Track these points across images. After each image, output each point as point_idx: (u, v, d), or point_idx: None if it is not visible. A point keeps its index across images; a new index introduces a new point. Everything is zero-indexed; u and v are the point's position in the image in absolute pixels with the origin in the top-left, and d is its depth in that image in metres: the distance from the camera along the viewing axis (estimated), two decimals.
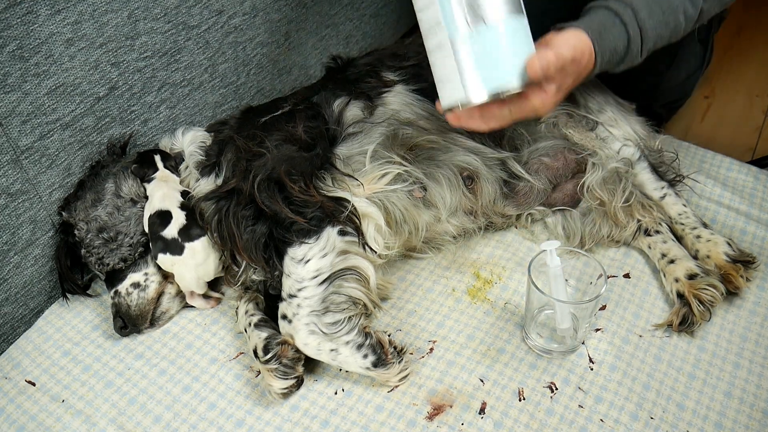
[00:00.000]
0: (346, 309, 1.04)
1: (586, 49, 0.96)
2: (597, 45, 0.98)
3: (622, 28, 1.01)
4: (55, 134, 1.16)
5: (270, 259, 1.05)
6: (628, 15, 1.01)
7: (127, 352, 1.15)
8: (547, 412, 1.02)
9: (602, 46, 0.99)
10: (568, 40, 0.94)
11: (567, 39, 0.94)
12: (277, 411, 1.04)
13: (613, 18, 1.01)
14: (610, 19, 1.01)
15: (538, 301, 1.07)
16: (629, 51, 1.02)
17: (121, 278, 1.16)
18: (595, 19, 1.01)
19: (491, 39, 0.82)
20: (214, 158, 1.18)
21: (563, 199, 1.29)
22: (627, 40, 1.01)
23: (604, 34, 0.99)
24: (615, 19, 1.00)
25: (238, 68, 1.50)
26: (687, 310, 1.11)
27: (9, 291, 1.17)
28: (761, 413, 1.00)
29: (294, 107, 1.17)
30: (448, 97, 0.85)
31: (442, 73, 0.85)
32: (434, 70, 0.86)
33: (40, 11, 1.06)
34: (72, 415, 1.06)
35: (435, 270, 1.25)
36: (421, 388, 1.06)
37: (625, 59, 1.04)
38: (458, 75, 0.83)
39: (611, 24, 1.00)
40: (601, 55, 0.99)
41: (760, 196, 1.36)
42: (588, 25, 0.99)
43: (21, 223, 1.16)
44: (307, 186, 1.03)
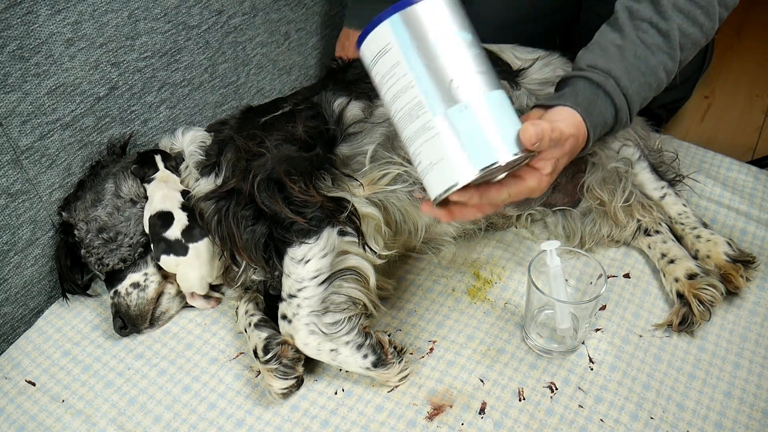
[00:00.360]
0: (346, 309, 1.04)
1: (581, 127, 0.94)
2: (588, 121, 0.95)
3: (608, 99, 0.98)
4: (55, 134, 1.16)
5: (270, 259, 1.05)
6: (611, 85, 0.98)
7: (127, 352, 1.15)
8: (547, 412, 1.02)
9: (592, 121, 0.96)
10: (565, 117, 0.92)
11: (563, 116, 0.92)
12: (277, 411, 1.04)
13: (596, 90, 0.98)
14: (594, 91, 0.98)
15: (538, 301, 1.07)
16: (618, 120, 1.00)
17: (121, 278, 1.16)
18: (580, 93, 0.98)
19: (477, 115, 0.79)
20: (214, 158, 1.18)
21: (563, 199, 1.29)
22: (614, 110, 0.99)
23: (591, 108, 0.96)
24: (598, 91, 0.98)
25: (238, 68, 1.50)
26: (687, 309, 1.11)
27: (9, 291, 1.18)
28: (761, 413, 1.00)
29: (294, 107, 1.17)
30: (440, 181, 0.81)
31: (428, 158, 0.81)
32: (419, 158, 0.82)
33: (40, 11, 1.06)
34: (72, 415, 1.06)
35: (435, 270, 1.25)
36: (421, 388, 1.06)
37: (615, 128, 1.02)
38: (448, 155, 0.80)
39: (596, 97, 0.98)
40: (593, 129, 0.97)
41: (760, 196, 1.37)
42: (575, 101, 0.96)
43: (21, 223, 1.16)
44: (307, 186, 1.03)
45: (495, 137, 0.80)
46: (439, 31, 0.80)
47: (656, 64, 1.01)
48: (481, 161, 0.79)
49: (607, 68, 0.99)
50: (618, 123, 1.01)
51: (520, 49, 1.35)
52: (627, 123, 1.03)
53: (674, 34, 1.00)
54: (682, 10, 1.00)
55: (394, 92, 0.82)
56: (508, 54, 1.32)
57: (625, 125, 1.03)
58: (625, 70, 0.99)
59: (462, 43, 0.81)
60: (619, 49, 1.00)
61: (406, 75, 0.80)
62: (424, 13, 0.80)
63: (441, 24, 0.80)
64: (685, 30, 1.01)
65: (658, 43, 1.01)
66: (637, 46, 1.00)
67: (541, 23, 1.57)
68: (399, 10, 0.80)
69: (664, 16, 1.00)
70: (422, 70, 0.80)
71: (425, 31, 0.80)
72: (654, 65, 1.00)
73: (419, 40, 0.80)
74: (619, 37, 1.02)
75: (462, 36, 0.81)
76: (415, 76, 0.80)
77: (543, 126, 0.81)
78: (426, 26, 0.80)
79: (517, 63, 1.30)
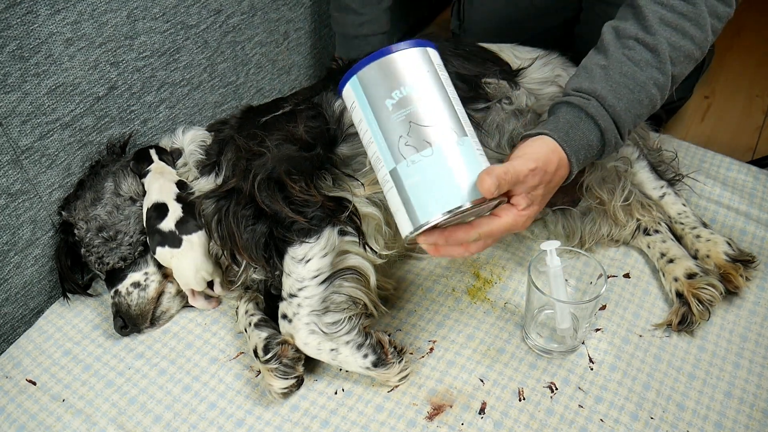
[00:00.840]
0: (347, 309, 1.04)
1: (552, 155, 0.92)
2: (567, 146, 0.93)
3: (590, 122, 0.96)
4: (55, 134, 1.16)
5: (270, 258, 1.05)
6: (593, 106, 0.97)
7: (127, 351, 1.15)
8: (547, 412, 1.02)
9: (572, 146, 0.94)
10: (529, 153, 0.90)
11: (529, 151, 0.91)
12: (277, 411, 1.04)
13: (578, 113, 0.97)
14: (576, 114, 0.97)
15: (538, 301, 1.07)
16: (606, 142, 0.98)
17: (122, 278, 1.16)
18: (561, 118, 0.97)
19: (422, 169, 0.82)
20: (214, 157, 1.18)
21: (563, 199, 1.29)
22: (600, 132, 0.97)
23: (572, 133, 0.95)
24: (580, 113, 0.97)
25: (237, 68, 1.50)
26: (686, 309, 1.11)
27: (9, 291, 1.17)
28: (761, 413, 1.01)
29: (295, 107, 1.17)
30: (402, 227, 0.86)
31: (392, 203, 0.86)
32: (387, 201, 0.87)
33: (40, 11, 1.06)
34: (72, 414, 1.06)
35: (435, 270, 1.25)
36: (421, 388, 1.06)
37: (605, 149, 1.00)
38: (400, 208, 0.84)
39: (577, 120, 0.96)
40: (575, 155, 0.95)
41: (760, 196, 1.37)
42: (554, 126, 0.95)
43: (21, 223, 1.16)
44: (307, 186, 1.03)
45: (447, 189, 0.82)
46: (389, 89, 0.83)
47: (645, 79, 0.99)
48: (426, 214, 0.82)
49: (591, 89, 0.98)
50: (607, 144, 0.99)
51: (519, 49, 1.35)
52: (618, 143, 1.00)
53: (662, 48, 0.98)
54: (670, 23, 0.99)
55: (363, 142, 0.88)
56: (508, 53, 1.32)
57: (617, 146, 1.01)
58: (610, 88, 0.98)
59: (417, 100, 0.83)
60: (603, 69, 0.99)
61: (366, 131, 0.86)
62: (379, 71, 0.84)
63: (393, 82, 0.83)
64: (674, 43, 0.99)
65: (647, 59, 0.99)
66: (623, 64, 0.99)
67: (542, 23, 1.57)
68: (358, 70, 0.85)
69: (650, 31, 0.99)
70: (376, 128, 0.85)
71: (377, 91, 0.84)
72: (643, 81, 0.99)
73: (374, 99, 0.84)
74: (604, 57, 1.00)
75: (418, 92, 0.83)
76: (372, 133, 0.85)
77: (497, 172, 0.80)
78: (378, 86, 0.84)
79: (517, 62, 1.30)
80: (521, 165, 0.86)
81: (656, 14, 0.99)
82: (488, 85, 1.22)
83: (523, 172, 0.86)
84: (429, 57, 0.86)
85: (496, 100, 1.21)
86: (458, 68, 1.21)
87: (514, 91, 1.24)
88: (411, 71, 0.84)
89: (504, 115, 1.21)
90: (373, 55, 0.84)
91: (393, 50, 0.84)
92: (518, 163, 0.86)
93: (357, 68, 0.85)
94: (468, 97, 1.19)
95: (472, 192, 0.81)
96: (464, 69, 1.21)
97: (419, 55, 0.85)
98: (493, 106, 1.21)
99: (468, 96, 1.19)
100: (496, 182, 0.79)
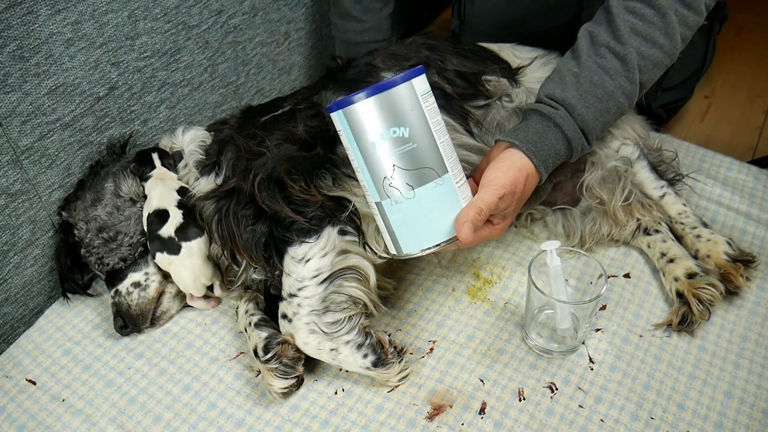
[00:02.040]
0: (347, 308, 1.04)
1: (522, 171, 0.97)
2: (535, 158, 0.98)
3: (557, 131, 1.00)
4: (55, 134, 1.16)
5: (270, 258, 1.05)
6: (561, 116, 1.00)
7: (127, 351, 1.15)
8: (547, 412, 1.02)
9: (540, 156, 0.99)
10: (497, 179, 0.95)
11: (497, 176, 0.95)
12: (277, 411, 1.04)
13: (546, 122, 1.00)
14: (544, 124, 1.00)
15: (538, 301, 1.07)
16: (573, 149, 1.02)
17: (122, 278, 1.16)
18: (531, 128, 1.00)
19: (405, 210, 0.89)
20: (214, 157, 1.18)
21: (563, 198, 1.29)
22: (566, 140, 1.01)
23: (540, 143, 0.99)
24: (548, 122, 1.00)
25: (238, 68, 1.50)
26: (686, 309, 1.11)
27: (9, 291, 1.18)
28: (761, 413, 1.01)
29: (294, 107, 1.17)
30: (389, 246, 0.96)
31: (379, 224, 0.95)
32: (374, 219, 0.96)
33: (41, 11, 1.06)
34: (72, 414, 1.06)
35: (435, 270, 1.25)
36: (421, 388, 1.06)
37: (572, 155, 1.04)
38: (385, 233, 0.94)
39: (545, 129, 1.00)
40: (544, 164, 0.99)
41: (760, 196, 1.37)
42: (524, 138, 0.99)
43: (21, 223, 1.16)
44: (307, 185, 1.03)
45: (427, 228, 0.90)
46: (376, 130, 0.87)
47: (614, 88, 1.02)
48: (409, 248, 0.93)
49: (562, 97, 1.02)
50: (573, 151, 1.04)
51: (519, 48, 1.35)
52: (586, 147, 1.05)
53: (632, 57, 1.02)
54: (640, 32, 1.02)
55: (352, 165, 0.94)
56: (507, 53, 1.32)
57: (583, 151, 1.06)
58: (580, 97, 1.01)
59: (399, 140, 0.87)
60: (575, 77, 1.02)
61: (353, 160, 0.92)
62: (364, 111, 0.87)
63: (379, 123, 0.87)
64: (643, 52, 1.02)
65: (616, 67, 1.02)
66: (594, 73, 1.02)
67: (542, 23, 1.57)
68: (343, 107, 0.88)
69: (620, 40, 1.02)
70: (362, 163, 0.90)
71: (363, 130, 0.88)
72: (612, 90, 1.02)
73: (358, 136, 0.89)
74: (576, 64, 1.04)
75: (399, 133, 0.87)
76: (358, 165, 0.92)
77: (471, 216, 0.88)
78: (364, 125, 0.87)
79: (516, 62, 1.30)
80: (490, 197, 0.93)
81: (627, 23, 1.02)
82: (488, 82, 1.22)
83: (494, 203, 0.93)
84: (414, 91, 0.88)
85: (496, 97, 1.22)
86: (458, 66, 1.21)
87: (514, 89, 1.24)
88: (395, 112, 0.87)
89: (504, 113, 1.21)
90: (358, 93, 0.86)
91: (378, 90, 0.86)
92: (487, 196, 0.93)
93: (343, 103, 0.87)
94: (468, 94, 1.19)
95: (449, 231, 0.90)
96: (464, 67, 1.21)
97: (405, 92, 0.87)
98: (494, 103, 1.21)
99: (468, 93, 1.19)
100: (471, 228, 0.87)
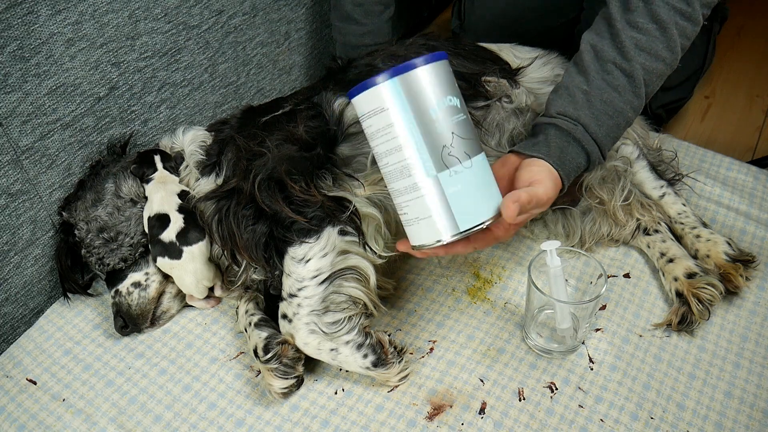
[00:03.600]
0: (347, 308, 1.04)
1: (556, 181, 0.97)
2: (561, 171, 0.98)
3: (578, 147, 1.01)
4: (56, 134, 1.16)
5: (270, 258, 1.05)
6: (580, 132, 1.01)
7: (127, 351, 1.15)
8: (547, 412, 1.02)
9: (566, 170, 0.99)
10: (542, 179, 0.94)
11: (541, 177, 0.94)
12: (277, 411, 1.05)
13: (567, 138, 1.01)
14: (565, 139, 1.01)
15: (538, 301, 1.07)
16: (591, 163, 1.03)
17: (122, 278, 1.16)
18: (552, 142, 1.01)
19: (463, 180, 0.84)
20: (214, 158, 1.18)
21: (563, 198, 1.29)
22: (586, 155, 1.02)
23: (564, 157, 1.00)
24: (569, 138, 1.01)
25: (238, 68, 1.50)
26: (686, 309, 1.11)
27: (9, 291, 1.18)
28: (761, 413, 1.01)
29: (295, 107, 1.17)
30: (423, 236, 0.87)
31: (415, 213, 0.86)
32: (404, 210, 0.88)
33: (41, 11, 1.06)
34: (72, 414, 1.06)
35: (435, 270, 1.25)
36: (421, 388, 1.06)
37: (589, 168, 1.06)
38: (433, 215, 0.85)
39: (567, 144, 1.01)
40: (567, 177, 1.00)
41: (760, 196, 1.37)
42: (548, 152, 0.99)
43: (21, 223, 1.16)
44: (307, 186, 1.03)
45: (481, 201, 0.86)
46: (434, 97, 0.84)
47: (623, 105, 1.03)
48: (465, 223, 0.85)
49: (575, 116, 1.02)
50: (591, 164, 1.04)
51: (519, 48, 1.35)
52: (600, 162, 1.06)
53: (638, 73, 1.02)
54: (644, 48, 1.02)
55: (385, 148, 0.86)
56: (507, 53, 1.32)
57: (599, 164, 1.07)
58: (593, 116, 1.02)
59: (454, 109, 0.85)
60: (585, 95, 1.03)
61: (399, 137, 0.84)
62: (423, 78, 0.83)
63: (437, 90, 0.84)
64: (648, 67, 1.03)
65: (624, 84, 1.03)
66: (603, 91, 1.03)
67: (542, 23, 1.57)
68: (399, 74, 0.83)
69: (626, 57, 1.02)
70: (417, 134, 0.83)
71: (423, 98, 0.83)
72: (621, 107, 1.03)
73: (416, 105, 0.83)
74: (585, 81, 1.04)
75: (454, 102, 0.85)
76: (408, 139, 0.83)
77: (522, 200, 0.86)
78: (423, 92, 0.83)
79: (516, 62, 1.30)
80: (543, 193, 0.92)
81: (632, 40, 1.02)
82: (488, 83, 1.22)
83: (543, 200, 0.92)
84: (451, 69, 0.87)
85: (496, 98, 1.22)
86: (458, 67, 1.21)
87: (514, 90, 1.24)
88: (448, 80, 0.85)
89: (504, 114, 1.21)
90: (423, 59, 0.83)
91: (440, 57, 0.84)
92: (541, 191, 0.91)
93: (401, 70, 0.83)
94: (468, 95, 1.19)
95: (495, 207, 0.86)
96: (464, 67, 1.21)
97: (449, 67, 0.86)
98: (493, 104, 1.21)
99: (468, 94, 1.19)
100: (518, 209, 0.85)
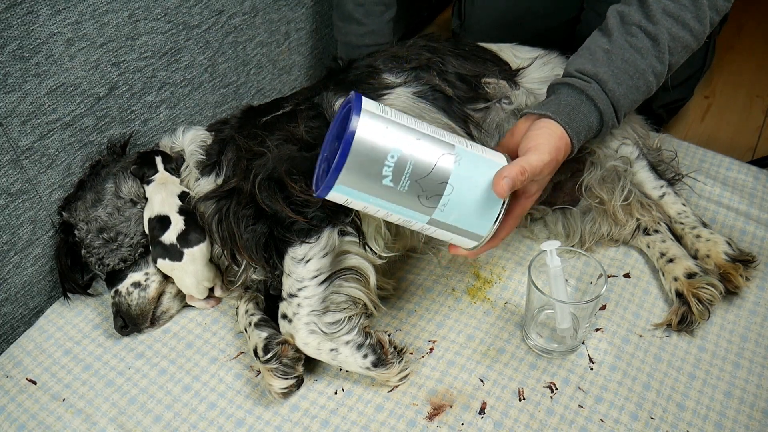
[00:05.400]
0: (347, 309, 1.04)
1: (560, 142, 0.95)
2: (570, 129, 0.97)
3: (591, 104, 1.00)
4: (55, 134, 1.16)
5: (270, 258, 1.05)
6: (594, 89, 1.00)
7: (127, 351, 1.15)
8: (547, 412, 1.02)
9: (575, 128, 0.98)
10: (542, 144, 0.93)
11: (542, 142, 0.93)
12: (277, 411, 1.05)
13: (579, 95, 1.00)
14: (577, 97, 1.00)
15: (538, 301, 1.07)
16: (604, 123, 1.02)
17: (122, 278, 1.16)
18: (563, 101, 0.99)
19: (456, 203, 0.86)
20: (214, 157, 1.18)
21: (563, 198, 1.29)
22: (599, 114, 1.01)
23: (574, 115, 0.98)
24: (581, 96, 1.00)
25: (238, 68, 1.50)
26: (686, 309, 1.11)
27: (9, 291, 1.18)
28: (761, 413, 1.01)
29: (295, 107, 1.17)
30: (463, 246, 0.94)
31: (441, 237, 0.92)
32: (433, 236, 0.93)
33: (41, 11, 1.06)
34: (72, 413, 1.06)
35: (435, 270, 1.25)
36: (421, 388, 1.06)
37: (602, 130, 1.04)
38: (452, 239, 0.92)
39: (579, 102, 0.99)
40: (576, 136, 0.98)
41: (760, 196, 1.37)
42: (557, 110, 0.97)
43: (21, 223, 1.16)
44: (308, 186, 1.03)
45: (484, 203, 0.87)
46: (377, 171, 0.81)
47: (645, 67, 1.02)
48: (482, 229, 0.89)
49: (593, 72, 1.01)
50: (604, 125, 1.03)
51: (519, 48, 1.35)
52: (615, 124, 1.04)
53: (663, 37, 1.02)
54: (672, 14, 1.02)
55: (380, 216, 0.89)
56: (507, 53, 1.32)
57: (613, 128, 1.05)
58: (612, 73, 1.01)
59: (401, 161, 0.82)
60: (606, 53, 1.02)
61: (378, 212, 0.88)
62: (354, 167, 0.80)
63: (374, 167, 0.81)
64: (674, 33, 1.02)
65: (647, 47, 1.02)
66: (625, 50, 1.02)
67: (543, 23, 1.57)
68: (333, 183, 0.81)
69: (652, 20, 1.02)
70: (388, 205, 0.86)
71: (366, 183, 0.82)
72: (643, 68, 1.02)
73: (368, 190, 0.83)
74: (608, 41, 1.03)
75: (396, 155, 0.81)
76: (386, 212, 0.87)
77: (512, 174, 0.85)
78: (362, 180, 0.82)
79: (516, 62, 1.30)
80: (537, 160, 0.90)
81: (660, 4, 1.02)
82: (488, 84, 1.22)
83: (539, 166, 0.90)
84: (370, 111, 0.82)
85: (495, 99, 1.22)
86: (458, 68, 1.21)
87: (513, 91, 1.24)
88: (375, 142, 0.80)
89: (504, 115, 1.21)
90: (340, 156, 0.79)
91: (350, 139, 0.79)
92: (534, 158, 0.90)
93: (330, 183, 0.81)
94: (468, 97, 1.19)
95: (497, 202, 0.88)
96: (464, 69, 1.21)
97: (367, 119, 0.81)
98: (493, 105, 1.21)
99: (468, 96, 1.19)
100: (510, 183, 0.84)
